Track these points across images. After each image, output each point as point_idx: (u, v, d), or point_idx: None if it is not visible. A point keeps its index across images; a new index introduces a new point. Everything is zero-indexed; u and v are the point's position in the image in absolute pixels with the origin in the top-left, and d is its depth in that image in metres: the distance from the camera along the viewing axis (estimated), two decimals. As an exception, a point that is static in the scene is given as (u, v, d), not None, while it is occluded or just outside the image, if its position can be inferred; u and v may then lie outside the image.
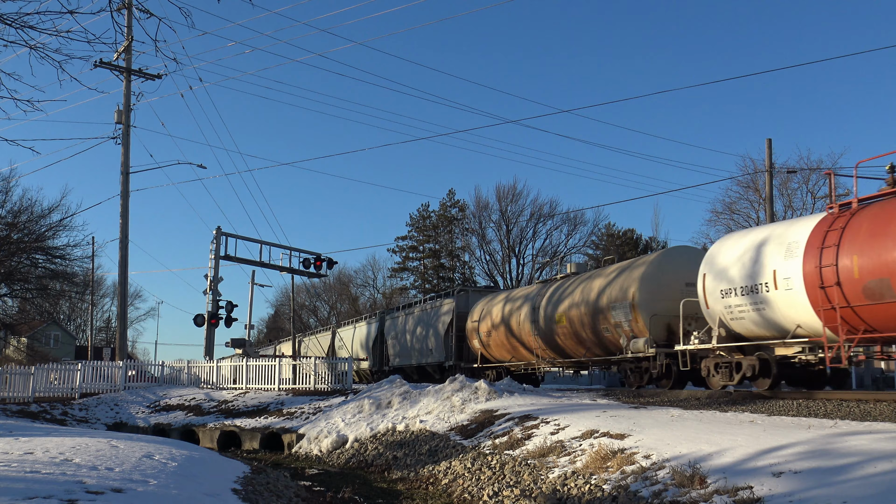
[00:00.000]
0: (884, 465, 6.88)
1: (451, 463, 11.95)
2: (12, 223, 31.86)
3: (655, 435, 9.82)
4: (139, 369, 29.16)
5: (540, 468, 10.06)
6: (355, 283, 79.53)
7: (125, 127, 29.25)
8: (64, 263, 33.65)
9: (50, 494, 6.01)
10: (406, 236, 70.75)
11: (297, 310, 64.64)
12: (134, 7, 24.00)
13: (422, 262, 69.33)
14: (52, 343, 63.13)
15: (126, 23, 26.11)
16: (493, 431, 12.95)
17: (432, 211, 69.66)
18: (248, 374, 25.11)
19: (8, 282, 32.64)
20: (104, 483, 6.89)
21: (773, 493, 6.79)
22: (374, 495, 11.06)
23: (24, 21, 8.33)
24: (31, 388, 24.16)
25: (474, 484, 10.58)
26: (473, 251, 61.24)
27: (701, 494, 7.38)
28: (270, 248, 29.97)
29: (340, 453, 15.30)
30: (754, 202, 45.54)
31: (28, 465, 7.50)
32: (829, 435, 8.52)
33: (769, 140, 32.56)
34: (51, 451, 8.66)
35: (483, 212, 59.05)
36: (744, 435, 9.02)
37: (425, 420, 15.24)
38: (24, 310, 45.69)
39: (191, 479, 8.38)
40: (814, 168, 44.12)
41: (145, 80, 29.25)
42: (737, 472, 7.59)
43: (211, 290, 28.12)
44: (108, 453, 8.95)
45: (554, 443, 10.94)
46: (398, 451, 13.89)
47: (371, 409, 17.17)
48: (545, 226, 57.68)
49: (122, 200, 29.15)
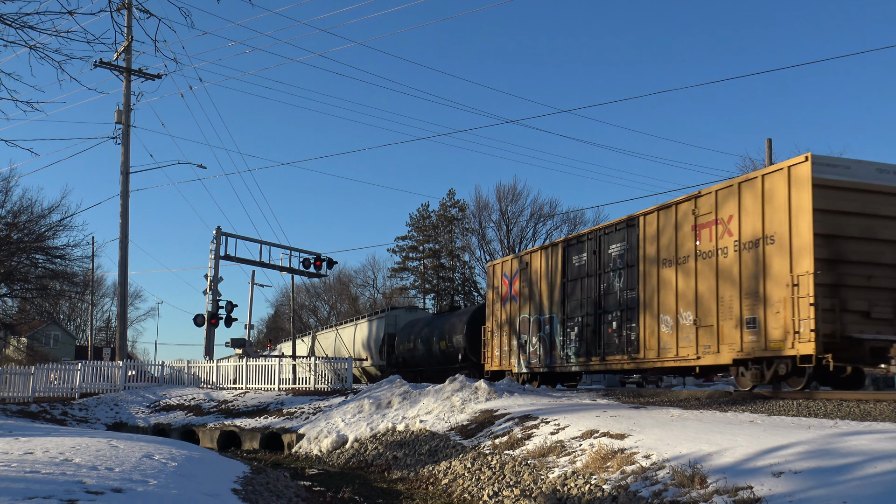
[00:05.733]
0: (884, 465, 6.88)
1: (451, 463, 11.95)
2: (12, 223, 31.85)
3: (655, 435, 9.82)
4: (139, 369, 29.17)
5: (540, 468, 10.06)
6: (355, 283, 79.61)
7: (125, 127, 29.26)
8: (64, 263, 33.63)
9: (50, 494, 6.01)
10: (406, 236, 70.78)
11: (297, 310, 64.66)
12: (134, 7, 24.02)
13: (422, 262, 69.34)
14: (52, 343, 63.11)
15: (126, 23, 26.14)
16: (493, 431, 12.95)
17: (432, 211, 69.70)
18: (248, 374, 25.12)
19: (8, 282, 32.62)
20: (104, 483, 6.89)
21: (774, 493, 6.79)
22: (374, 495, 11.06)
23: (24, 21, 8.33)
24: (31, 388, 24.17)
25: (474, 484, 10.58)
26: (473, 251, 61.27)
27: (701, 494, 7.38)
28: (270, 248, 30.00)
29: (340, 453, 15.30)
30: (754, 202, 45.51)
31: (28, 465, 7.49)
32: (830, 435, 8.52)
33: (769, 140, 32.56)
34: (51, 451, 8.66)
35: (483, 212, 59.08)
36: (744, 435, 9.02)
37: (425, 420, 15.25)
38: (24, 310, 45.67)
39: (191, 479, 8.38)
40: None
41: (145, 80, 29.28)
42: (737, 472, 7.59)
43: (211, 290, 28.13)
44: (108, 453, 8.95)
45: (554, 443, 10.94)
46: (398, 451, 13.89)
47: (371, 409, 17.18)
48: (545, 226, 57.73)
49: (122, 200, 29.17)
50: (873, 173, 14.92)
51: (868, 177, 14.73)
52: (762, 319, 14.64)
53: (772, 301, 14.50)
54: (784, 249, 14.40)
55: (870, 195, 14.57)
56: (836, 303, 14.03)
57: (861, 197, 14.49)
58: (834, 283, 14.13)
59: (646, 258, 18.01)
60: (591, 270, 20.19)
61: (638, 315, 18.04)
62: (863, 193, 14.52)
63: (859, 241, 14.41)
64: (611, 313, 19.15)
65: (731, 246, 15.60)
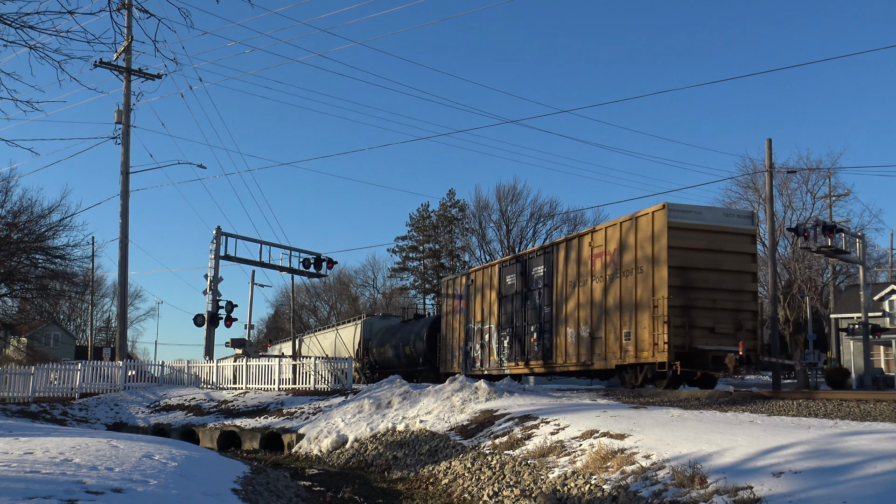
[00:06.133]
0: (884, 465, 6.88)
1: (451, 463, 11.95)
2: (12, 223, 31.81)
3: (655, 435, 9.81)
4: (139, 369, 29.14)
5: (540, 468, 10.05)
6: (355, 283, 79.60)
7: (125, 127, 29.24)
8: (64, 263, 33.56)
9: (50, 494, 6.01)
10: (406, 236, 70.77)
11: (297, 310, 64.64)
12: (134, 7, 24.02)
13: (422, 262, 69.35)
14: (52, 343, 63.06)
15: (126, 23, 26.12)
16: (493, 431, 12.95)
17: (432, 211, 69.70)
18: (248, 374, 25.11)
19: (8, 282, 32.58)
20: (104, 483, 6.88)
21: (774, 493, 6.79)
22: (374, 495, 11.06)
23: (24, 21, 8.32)
24: (31, 388, 24.15)
25: (474, 484, 10.58)
26: (473, 251, 61.29)
27: (701, 494, 7.38)
28: (270, 248, 29.92)
29: (340, 453, 15.29)
30: (754, 202, 45.60)
31: (28, 465, 7.49)
32: (830, 435, 8.52)
33: (769, 140, 32.52)
34: (51, 451, 8.65)
35: (483, 212, 59.10)
36: (744, 435, 9.02)
37: (425, 420, 15.24)
38: (24, 310, 45.64)
39: (191, 480, 8.37)
40: (813, 168, 44.17)
41: (145, 80, 29.23)
42: (737, 472, 7.58)
43: (211, 290, 28.09)
44: (108, 453, 8.95)
45: (554, 443, 10.93)
46: (398, 451, 13.89)
47: (371, 409, 17.17)
48: (545, 226, 57.77)
49: (122, 200, 29.15)
50: (720, 217, 18.63)
51: (715, 220, 18.31)
52: (635, 334, 17.95)
53: (641, 319, 17.79)
54: (648, 277, 17.66)
55: (716, 234, 17.96)
56: (686, 321, 17.23)
57: (708, 236, 17.87)
58: (685, 305, 17.36)
59: (558, 280, 21.47)
60: (519, 289, 23.77)
61: (552, 327, 21.51)
62: (710, 233, 17.90)
63: (706, 272, 17.74)
64: (533, 325, 22.73)
65: (616, 273, 18.91)
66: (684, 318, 17.22)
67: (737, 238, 18.19)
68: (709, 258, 17.78)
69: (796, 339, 45.06)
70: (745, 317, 18.05)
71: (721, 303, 17.76)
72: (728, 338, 17.47)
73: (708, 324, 17.50)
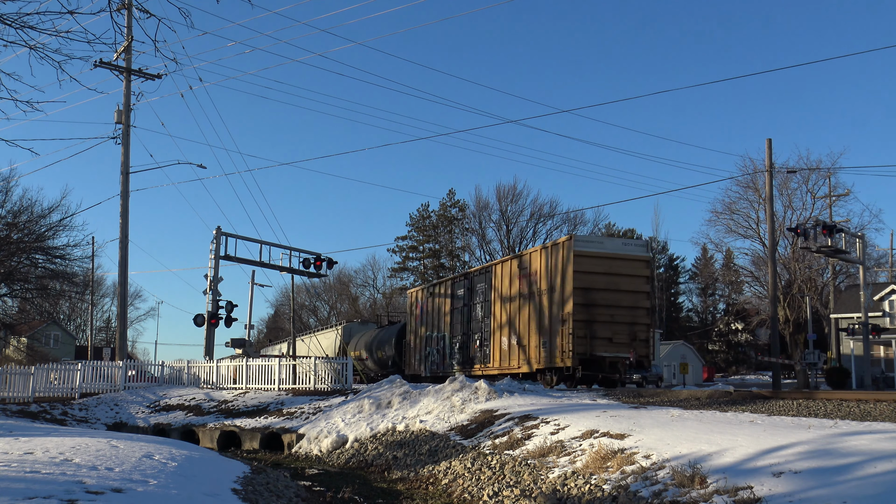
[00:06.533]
0: (884, 465, 6.88)
1: (451, 463, 11.95)
2: (12, 223, 31.82)
3: (655, 435, 9.81)
4: (139, 369, 29.14)
5: (540, 468, 10.05)
6: (355, 283, 79.60)
7: (125, 127, 29.23)
8: (64, 263, 33.57)
9: (50, 494, 6.01)
10: (406, 236, 70.80)
11: (297, 310, 64.64)
12: (134, 7, 24.02)
13: (422, 262, 69.37)
14: (52, 343, 63.03)
15: (126, 23, 26.09)
16: (493, 431, 12.95)
17: (432, 211, 69.73)
18: (248, 374, 25.11)
19: (8, 282, 32.59)
20: (104, 483, 6.89)
21: (774, 493, 6.79)
22: (374, 495, 11.06)
23: (24, 21, 8.32)
24: (31, 388, 24.15)
25: (474, 484, 10.57)
26: (473, 251, 61.31)
27: (701, 494, 7.38)
28: (270, 248, 29.89)
29: (340, 453, 15.29)
30: (754, 202, 45.59)
31: (28, 465, 7.49)
32: (830, 435, 8.52)
33: (769, 140, 32.57)
34: (51, 451, 8.65)
35: (483, 212, 59.13)
36: (744, 435, 9.02)
37: (425, 420, 15.24)
38: (24, 310, 45.61)
39: (190, 479, 8.38)
40: (813, 168, 44.15)
41: (145, 80, 29.21)
42: (737, 472, 7.58)
43: (211, 290, 28.08)
44: (108, 453, 8.95)
45: (554, 443, 10.93)
46: (398, 451, 13.88)
47: (371, 409, 17.17)
48: (545, 226, 57.80)
49: (122, 200, 29.13)
50: (619, 245, 22.29)
51: (614, 248, 21.83)
52: (550, 343, 21.34)
53: (554, 331, 21.12)
54: (559, 296, 21.09)
55: (614, 260, 21.24)
56: (588, 333, 20.47)
57: (608, 262, 21.13)
58: (588, 320, 20.61)
59: (494, 296, 24.91)
60: (467, 301, 27.18)
61: (490, 336, 25.00)
62: (609, 259, 21.18)
63: (606, 292, 20.94)
64: (476, 334, 26.25)
65: (537, 292, 22.27)
66: (587, 331, 20.42)
67: (633, 263, 21.45)
68: (608, 280, 20.92)
69: (796, 339, 45.08)
70: (640, 329, 21.28)
71: (618, 318, 20.96)
72: (624, 347, 20.69)
73: (607, 335, 20.66)
